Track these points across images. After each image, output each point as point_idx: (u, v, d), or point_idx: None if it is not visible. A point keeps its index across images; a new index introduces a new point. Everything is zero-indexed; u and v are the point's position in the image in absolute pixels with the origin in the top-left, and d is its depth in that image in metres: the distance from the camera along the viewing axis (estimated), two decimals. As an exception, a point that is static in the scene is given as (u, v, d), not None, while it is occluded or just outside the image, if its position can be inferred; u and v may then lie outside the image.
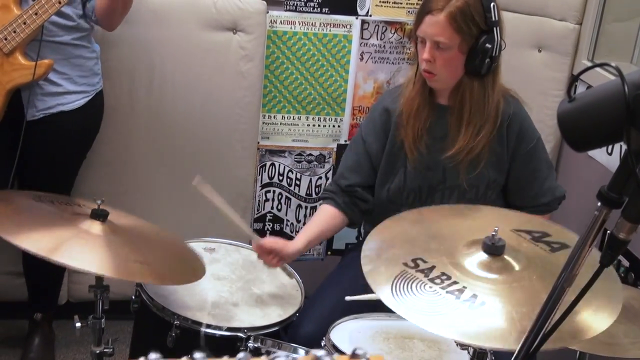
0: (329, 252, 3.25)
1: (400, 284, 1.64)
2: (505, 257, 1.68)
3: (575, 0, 2.66)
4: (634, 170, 0.92)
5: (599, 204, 0.96)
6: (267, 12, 2.88)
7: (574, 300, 0.98)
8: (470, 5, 2.16)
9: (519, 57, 2.53)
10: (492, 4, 2.19)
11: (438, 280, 1.64)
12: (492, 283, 1.64)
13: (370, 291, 1.66)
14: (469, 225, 1.89)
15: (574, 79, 1.00)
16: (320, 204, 2.50)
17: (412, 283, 1.63)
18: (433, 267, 1.67)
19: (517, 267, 1.67)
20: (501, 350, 1.52)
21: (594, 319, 1.53)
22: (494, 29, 2.19)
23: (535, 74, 2.64)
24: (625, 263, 2.44)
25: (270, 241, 2.28)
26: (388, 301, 1.58)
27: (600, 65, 1.04)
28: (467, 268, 1.68)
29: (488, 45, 2.17)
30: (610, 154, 2.55)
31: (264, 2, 2.86)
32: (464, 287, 1.61)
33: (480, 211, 2.09)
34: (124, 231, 1.98)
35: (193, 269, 2.06)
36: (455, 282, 1.63)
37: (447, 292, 1.60)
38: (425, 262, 1.69)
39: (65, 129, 2.57)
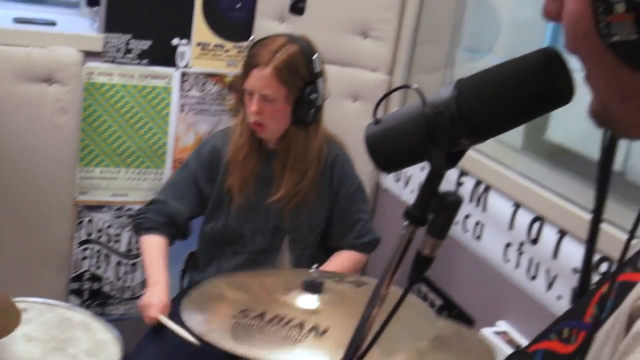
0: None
1: (238, 332, 1.64)
2: (325, 294, 1.72)
3: (386, 53, 2.76)
4: (436, 188, 0.94)
5: (406, 222, 0.97)
6: (84, 64, 2.79)
7: (385, 320, 0.98)
8: (294, 58, 2.24)
9: (335, 107, 2.59)
10: (315, 56, 2.27)
11: (275, 322, 1.65)
12: (325, 313, 1.70)
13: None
14: (271, 282, 1.95)
15: (379, 102, 1.01)
16: (148, 234, 2.43)
17: (251, 328, 1.64)
18: (264, 313, 1.69)
19: (338, 299, 1.71)
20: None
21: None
22: (318, 80, 2.27)
23: (351, 123, 2.70)
24: (439, 302, 2.52)
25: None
26: (236, 349, 1.57)
27: (402, 87, 1.06)
28: (296, 307, 1.72)
29: (313, 96, 2.25)
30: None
31: (81, 54, 2.77)
32: (303, 321, 1.65)
33: (273, 274, 2.18)
34: None
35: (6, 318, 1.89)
36: (291, 320, 1.66)
37: (289, 328, 1.62)
38: (253, 311, 1.71)
39: None
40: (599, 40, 0.69)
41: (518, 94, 0.89)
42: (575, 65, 0.84)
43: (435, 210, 0.95)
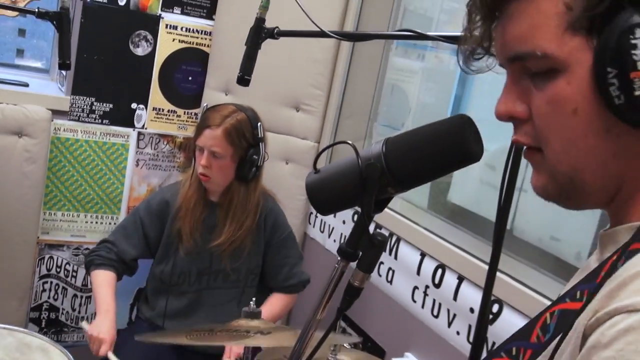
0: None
1: (193, 337, 1.69)
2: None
3: (314, 124, 2.82)
4: (366, 228, 0.95)
5: (339, 258, 0.98)
6: (52, 120, 2.74)
7: (317, 344, 0.98)
8: (242, 123, 2.28)
9: (271, 167, 2.61)
10: (259, 124, 2.32)
11: (224, 331, 1.69)
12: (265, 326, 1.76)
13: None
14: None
15: (317, 155, 1.03)
16: (99, 269, 2.37)
17: (204, 334, 1.70)
18: (213, 329, 1.78)
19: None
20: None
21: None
22: (260, 144, 2.30)
23: (283, 181, 2.73)
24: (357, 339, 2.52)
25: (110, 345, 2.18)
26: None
27: (341, 143, 1.08)
28: (239, 324, 1.76)
29: (255, 157, 2.28)
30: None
31: (49, 112, 2.73)
32: (248, 328, 1.71)
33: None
34: None
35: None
36: (238, 328, 1.73)
37: (237, 331, 1.69)
38: (203, 329, 1.78)
39: None
40: (601, 105, 0.65)
41: (437, 152, 0.91)
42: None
43: (365, 248, 0.96)
